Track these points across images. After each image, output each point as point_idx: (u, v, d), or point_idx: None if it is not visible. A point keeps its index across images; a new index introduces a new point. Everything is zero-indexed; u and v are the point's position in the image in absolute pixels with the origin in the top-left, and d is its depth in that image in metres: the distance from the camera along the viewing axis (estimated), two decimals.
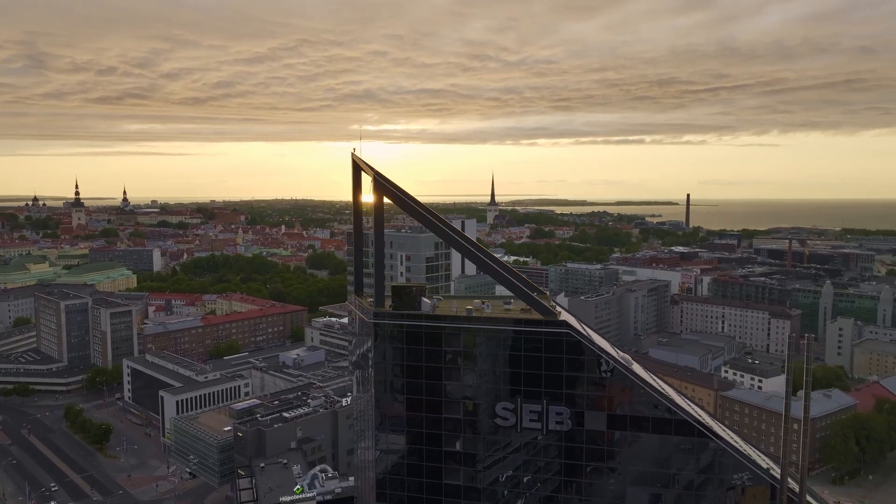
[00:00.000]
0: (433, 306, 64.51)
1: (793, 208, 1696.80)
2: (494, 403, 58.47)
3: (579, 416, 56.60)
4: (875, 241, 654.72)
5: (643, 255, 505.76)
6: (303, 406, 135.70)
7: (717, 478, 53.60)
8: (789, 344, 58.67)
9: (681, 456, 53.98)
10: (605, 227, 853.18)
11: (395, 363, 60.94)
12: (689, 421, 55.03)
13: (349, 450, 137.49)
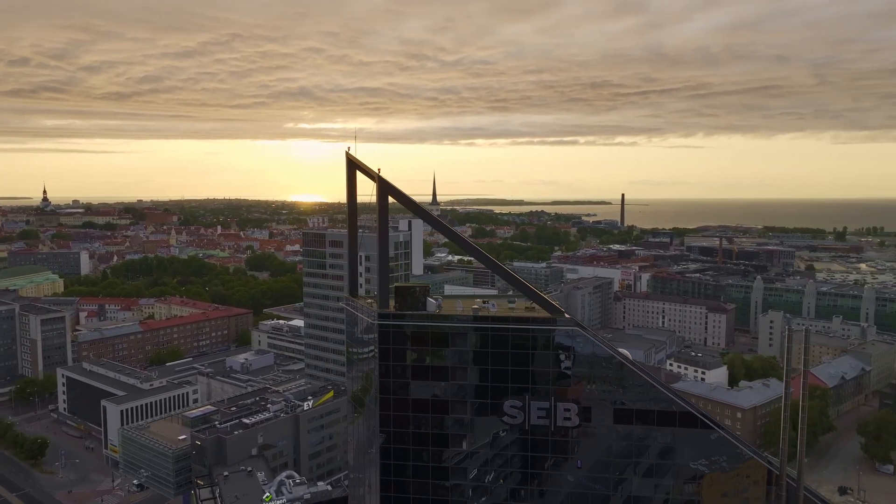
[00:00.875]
0: (438, 306, 64.24)
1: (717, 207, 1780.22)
2: (502, 401, 58.95)
3: (587, 412, 58.03)
4: (794, 238, 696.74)
5: (583, 253, 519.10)
6: (262, 412, 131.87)
7: (720, 467, 56.35)
8: (786, 336, 61.25)
9: (685, 447, 56.23)
10: (544, 226, 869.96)
11: (401, 364, 60.26)
12: (693, 413, 57.38)
13: (311, 454, 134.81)
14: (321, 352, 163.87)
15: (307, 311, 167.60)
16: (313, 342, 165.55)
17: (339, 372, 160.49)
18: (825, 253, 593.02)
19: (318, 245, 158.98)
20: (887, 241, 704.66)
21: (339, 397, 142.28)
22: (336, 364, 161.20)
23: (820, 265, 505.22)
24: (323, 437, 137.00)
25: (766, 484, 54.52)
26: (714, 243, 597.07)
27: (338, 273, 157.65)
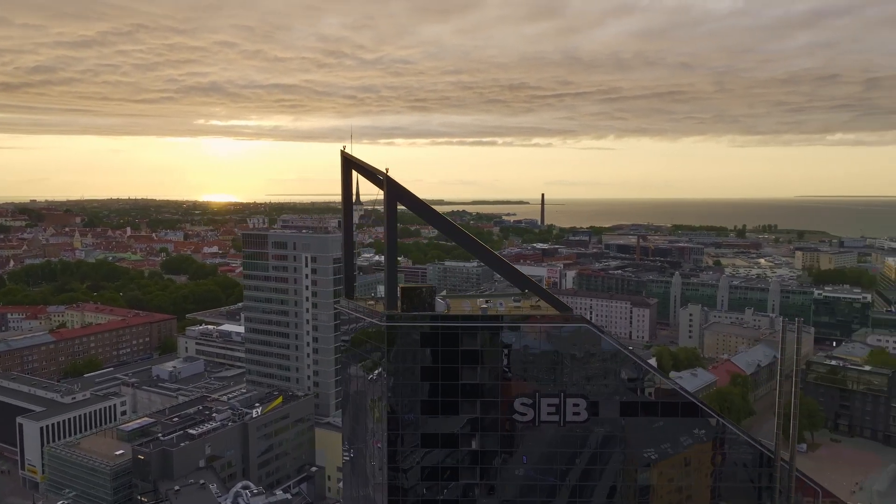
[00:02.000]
0: (447, 306, 63.74)
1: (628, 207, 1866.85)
2: (512, 399, 59.45)
3: (594, 406, 59.50)
4: (700, 235, 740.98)
5: (508, 252, 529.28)
6: (208, 421, 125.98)
7: (719, 453, 59.55)
8: (783, 328, 65.02)
9: (689, 435, 59.07)
10: (467, 226, 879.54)
11: (410, 366, 59.28)
12: (695, 402, 60.31)
13: (261, 462, 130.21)
14: (263, 356, 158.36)
15: (248, 316, 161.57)
16: (255, 347, 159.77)
17: (283, 377, 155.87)
18: (728, 249, 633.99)
19: (260, 246, 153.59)
20: (781, 237, 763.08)
21: (287, 402, 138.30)
22: (279, 369, 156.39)
23: (725, 261, 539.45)
24: (272, 445, 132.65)
25: (758, 467, 58.44)
26: (630, 241, 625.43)
27: (281, 275, 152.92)
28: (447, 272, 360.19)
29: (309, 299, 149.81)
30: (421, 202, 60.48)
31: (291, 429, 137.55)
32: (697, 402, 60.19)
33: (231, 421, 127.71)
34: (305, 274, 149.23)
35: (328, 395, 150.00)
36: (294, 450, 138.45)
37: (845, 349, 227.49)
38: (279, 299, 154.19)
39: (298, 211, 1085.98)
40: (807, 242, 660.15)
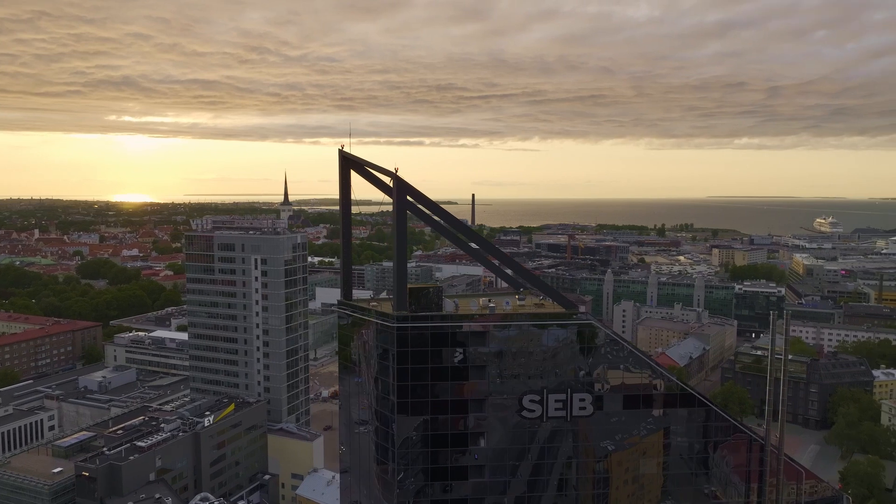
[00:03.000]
0: (456, 306, 63.36)
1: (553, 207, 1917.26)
2: (521, 397, 60.02)
3: (599, 400, 61.14)
4: (624, 234, 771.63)
5: (444, 251, 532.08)
6: (157, 433, 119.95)
7: (714, 440, 62.62)
8: (773, 324, 68.75)
9: (685, 424, 61.70)
10: None
11: (419, 367, 58.52)
12: (692, 393, 63.05)
13: (213, 473, 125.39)
14: (209, 363, 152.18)
15: (193, 321, 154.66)
16: (200, 353, 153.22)
17: (231, 384, 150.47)
18: (651, 247, 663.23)
19: (206, 249, 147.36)
20: (697, 236, 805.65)
21: (239, 410, 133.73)
22: (227, 376, 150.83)
23: (649, 258, 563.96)
24: (225, 454, 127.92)
25: (748, 452, 62.09)
26: (559, 240, 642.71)
27: (228, 278, 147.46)
28: (385, 273, 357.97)
29: (259, 303, 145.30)
30: (431, 202, 60.31)
31: (244, 437, 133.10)
32: (694, 393, 63.28)
33: (181, 431, 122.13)
34: (255, 277, 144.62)
35: (280, 401, 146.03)
36: (247, 458, 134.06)
37: (766, 340, 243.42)
38: (226, 303, 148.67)
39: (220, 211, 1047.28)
40: (721, 240, 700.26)
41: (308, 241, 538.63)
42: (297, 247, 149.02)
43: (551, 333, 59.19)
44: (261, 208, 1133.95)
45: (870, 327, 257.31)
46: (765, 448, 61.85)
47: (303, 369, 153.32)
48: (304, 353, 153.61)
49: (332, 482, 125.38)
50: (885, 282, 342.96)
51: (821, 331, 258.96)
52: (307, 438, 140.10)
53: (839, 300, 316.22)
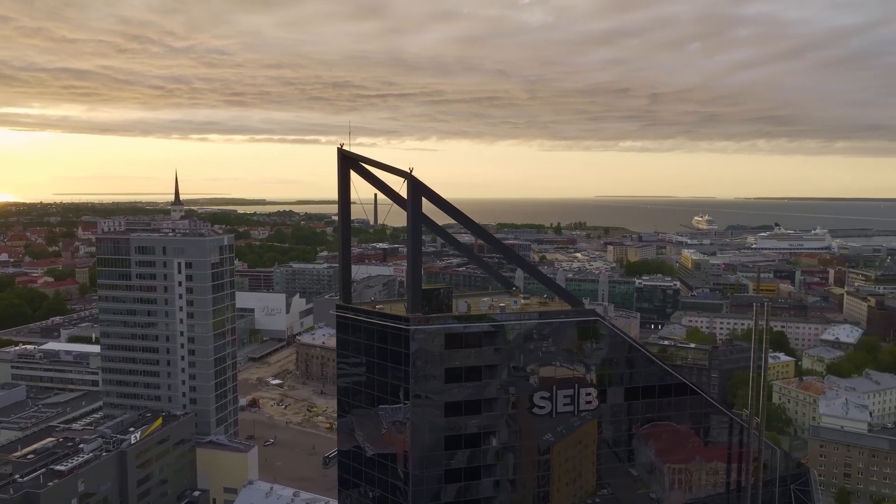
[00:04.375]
0: (468, 306, 62.33)
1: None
2: (532, 394, 60.61)
3: (603, 394, 63.10)
4: (524, 233, 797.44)
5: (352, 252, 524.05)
6: (76, 454, 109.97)
7: (704, 426, 66.49)
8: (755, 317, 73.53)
9: (680, 413, 65.16)
10: (299, 226, 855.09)
11: (433, 369, 57.30)
12: (685, 383, 66.46)
13: (141, 493, 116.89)
14: (125, 375, 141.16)
15: (106, 331, 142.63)
16: (114, 365, 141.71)
17: (152, 396, 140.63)
18: (549, 245, 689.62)
19: (121, 252, 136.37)
20: (591, 233, 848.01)
21: (167, 424, 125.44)
22: (146, 388, 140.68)
23: (549, 256, 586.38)
24: (152, 472, 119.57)
25: (730, 436, 66.76)
26: (463, 239, 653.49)
27: (148, 283, 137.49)
28: (295, 275, 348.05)
29: (183, 309, 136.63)
30: (445, 201, 59.64)
31: (172, 452, 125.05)
32: (687, 382, 67.40)
33: (104, 451, 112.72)
34: (178, 281, 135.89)
35: (208, 412, 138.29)
36: (175, 475, 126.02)
37: (667, 330, 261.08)
38: (145, 311, 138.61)
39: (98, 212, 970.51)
40: (612, 237, 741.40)
41: None
42: (224, 249, 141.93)
43: (560, 330, 60.97)
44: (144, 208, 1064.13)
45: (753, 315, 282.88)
46: (749, 431, 67.27)
47: (231, 378, 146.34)
48: (232, 360, 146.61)
49: (270, 493, 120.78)
50: (762, 274, 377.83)
51: (713, 320, 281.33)
52: (240, 450, 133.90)
53: (725, 291, 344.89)
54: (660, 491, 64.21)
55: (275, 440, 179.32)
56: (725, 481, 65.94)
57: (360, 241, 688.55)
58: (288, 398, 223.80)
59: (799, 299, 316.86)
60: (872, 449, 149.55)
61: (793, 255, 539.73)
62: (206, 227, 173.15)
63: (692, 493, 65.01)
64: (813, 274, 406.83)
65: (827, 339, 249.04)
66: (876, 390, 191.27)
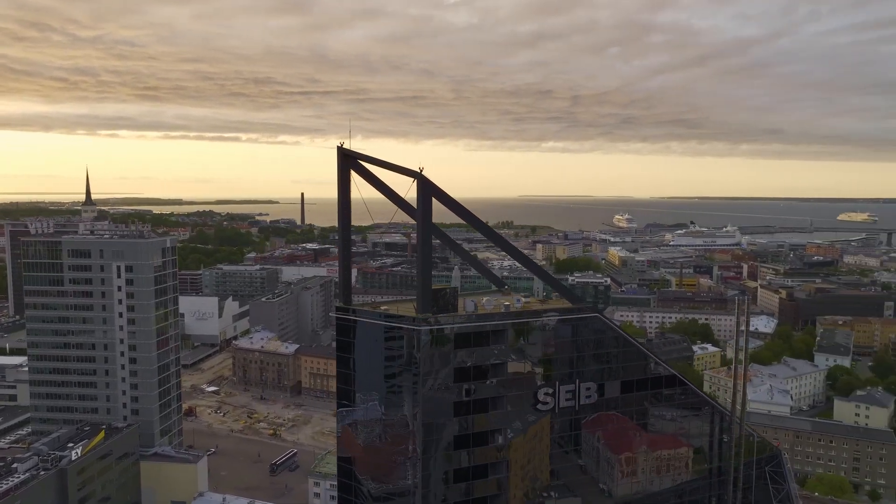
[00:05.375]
0: (475, 306, 61.79)
1: (378, 206, 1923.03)
2: (536, 391, 61.10)
3: (601, 388, 64.64)
4: (454, 232, 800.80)
5: (280, 253, 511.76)
6: (10, 475, 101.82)
7: (690, 414, 69.04)
8: (738, 309, 76.55)
9: (670, 403, 67.57)
10: (221, 226, 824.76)
11: (444, 369, 56.47)
12: (675, 375, 69.01)
13: None
14: (57, 387, 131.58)
15: (34, 341, 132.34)
16: (45, 377, 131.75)
17: (89, 409, 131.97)
18: (479, 244, 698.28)
19: (52, 256, 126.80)
20: (519, 232, 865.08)
21: (109, 438, 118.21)
22: (82, 400, 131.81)
23: (481, 255, 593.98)
24: (94, 490, 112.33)
25: (711, 423, 70.08)
26: (395, 239, 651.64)
27: (82, 289, 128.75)
28: (226, 277, 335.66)
29: (123, 315, 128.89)
30: (455, 201, 59.06)
31: (115, 467, 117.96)
32: (675, 374, 70.02)
33: (42, 469, 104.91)
34: (118, 286, 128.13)
35: (152, 423, 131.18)
36: (118, 492, 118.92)
37: None
38: (80, 318, 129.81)
39: None
40: (539, 236, 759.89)
41: None
42: (167, 251, 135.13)
43: (563, 326, 62.25)
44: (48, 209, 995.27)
45: (680, 309, 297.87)
46: (732, 419, 70.94)
47: (175, 386, 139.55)
48: (176, 367, 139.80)
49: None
50: (684, 269, 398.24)
51: (643, 314, 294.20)
52: (189, 461, 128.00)
53: (651, 287, 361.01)
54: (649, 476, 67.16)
55: (216, 449, 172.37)
56: (709, 464, 69.85)
57: (287, 241, 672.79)
58: (226, 405, 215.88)
59: (719, 293, 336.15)
60: (796, 430, 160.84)
61: (707, 252, 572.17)
62: (146, 229, 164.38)
63: (679, 477, 68.33)
64: (728, 269, 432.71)
65: None
66: (793, 376, 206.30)
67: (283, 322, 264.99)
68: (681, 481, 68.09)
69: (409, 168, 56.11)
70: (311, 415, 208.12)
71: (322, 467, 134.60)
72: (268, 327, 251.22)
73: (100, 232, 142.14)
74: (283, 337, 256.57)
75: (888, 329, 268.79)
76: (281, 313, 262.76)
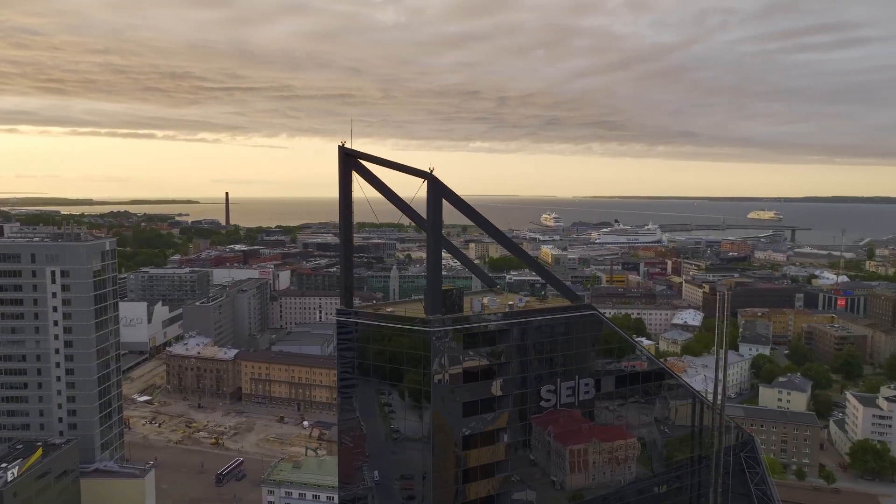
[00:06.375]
0: (483, 305, 61.00)
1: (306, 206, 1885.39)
2: (539, 388, 61.65)
3: (598, 384, 66.00)
4: (385, 231, 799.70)
5: (207, 255, 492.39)
6: None
7: (676, 404, 71.53)
8: (718, 306, 79.27)
9: (659, 395, 69.71)
10: (139, 227, 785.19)
11: (453, 370, 55.54)
12: (664, 368, 71.36)
13: None
14: None
15: None
16: None
17: (19, 425, 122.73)
18: (412, 244, 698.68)
19: None
20: (451, 231, 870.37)
21: (48, 455, 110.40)
22: (12, 416, 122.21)
23: (414, 255, 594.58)
24: None
25: (693, 414, 72.97)
26: (326, 239, 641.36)
27: (11, 297, 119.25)
28: (153, 281, 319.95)
29: (59, 324, 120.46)
30: (464, 202, 58.34)
31: (54, 487, 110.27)
32: (664, 367, 72.62)
33: None
34: (52, 293, 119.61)
35: (92, 438, 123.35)
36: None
37: None
38: (8, 328, 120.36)
39: None
40: (471, 235, 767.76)
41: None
42: (107, 254, 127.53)
43: (563, 324, 63.17)
44: None
45: (613, 305, 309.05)
46: (713, 408, 74.31)
47: (116, 397, 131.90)
48: (116, 378, 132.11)
49: None
50: (613, 266, 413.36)
51: None
52: (135, 475, 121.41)
53: (584, 283, 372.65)
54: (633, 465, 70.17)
55: (155, 462, 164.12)
56: (690, 451, 73.32)
57: (211, 242, 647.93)
58: (161, 415, 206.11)
59: (648, 288, 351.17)
60: (731, 417, 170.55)
61: (631, 249, 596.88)
62: (83, 230, 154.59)
63: (664, 463, 71.47)
64: (654, 265, 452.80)
65: (677, 322, 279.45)
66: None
67: (220, 327, 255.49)
68: (668, 465, 71.57)
69: (419, 168, 55.55)
70: (254, 422, 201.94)
71: (276, 475, 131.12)
72: (203, 332, 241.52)
73: (29, 234, 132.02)
74: (220, 342, 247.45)
75: (800, 319, 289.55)
76: (217, 318, 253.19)
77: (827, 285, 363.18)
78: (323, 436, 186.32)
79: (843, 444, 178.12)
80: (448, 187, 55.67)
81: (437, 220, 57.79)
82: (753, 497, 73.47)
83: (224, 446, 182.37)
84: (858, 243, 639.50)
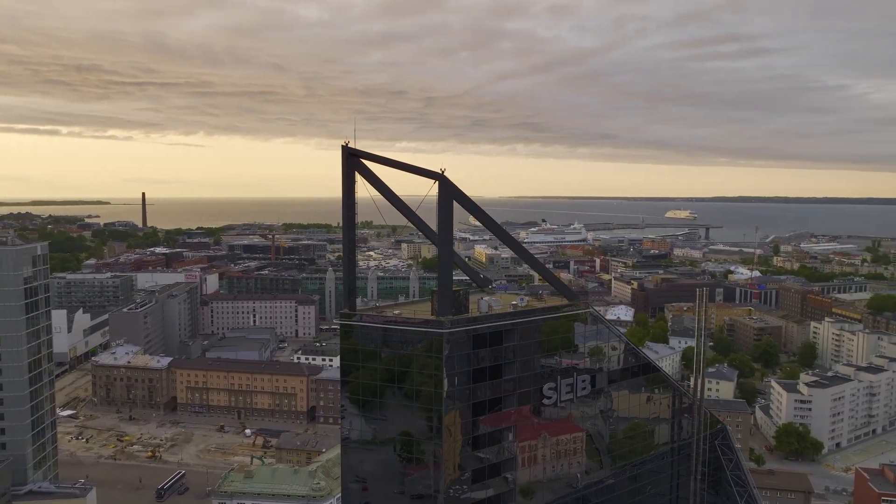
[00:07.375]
0: (490, 305, 60.05)
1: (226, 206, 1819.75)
2: (541, 386, 62.07)
3: (594, 380, 67.35)
4: (313, 232, 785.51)
5: (126, 258, 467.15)
6: None
7: (661, 397, 73.57)
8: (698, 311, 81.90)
9: (647, 388, 71.73)
10: (45, 230, 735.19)
11: (462, 371, 54.87)
12: (650, 363, 73.68)
13: None
14: None
15: None
16: None
17: None
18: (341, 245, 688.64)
19: None
20: (381, 232, 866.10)
21: None
22: None
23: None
24: None
25: (673, 405, 75.50)
26: (253, 241, 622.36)
27: None
28: (70, 287, 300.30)
29: None
30: (474, 203, 57.60)
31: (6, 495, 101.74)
32: (650, 362, 74.80)
33: None
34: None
35: (24, 457, 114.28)
36: None
37: None
38: None
39: None
40: (401, 236, 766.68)
41: None
42: (38, 259, 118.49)
43: (563, 323, 64.25)
44: None
45: None
46: (694, 399, 77.36)
47: (49, 413, 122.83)
48: (49, 392, 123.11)
49: None
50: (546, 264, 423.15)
51: None
52: (75, 495, 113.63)
53: (519, 282, 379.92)
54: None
55: (87, 479, 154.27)
56: (671, 440, 76.49)
57: (128, 245, 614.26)
58: (89, 429, 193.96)
59: (580, 286, 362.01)
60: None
61: (559, 248, 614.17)
62: (9, 234, 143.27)
63: (645, 452, 74.34)
64: (583, 263, 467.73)
65: (611, 318, 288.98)
66: (657, 358, 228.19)
67: (149, 334, 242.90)
68: (651, 453, 74.60)
69: (429, 169, 54.87)
70: (192, 432, 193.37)
71: (228, 486, 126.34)
72: (132, 340, 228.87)
73: None
74: (150, 350, 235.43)
75: (722, 312, 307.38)
76: (146, 325, 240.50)
77: (742, 280, 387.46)
78: (268, 444, 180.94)
79: (768, 429, 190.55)
80: (459, 188, 55.62)
81: (448, 221, 57.51)
82: (730, 481, 77.73)
83: (162, 459, 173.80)
84: (765, 240, 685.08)
